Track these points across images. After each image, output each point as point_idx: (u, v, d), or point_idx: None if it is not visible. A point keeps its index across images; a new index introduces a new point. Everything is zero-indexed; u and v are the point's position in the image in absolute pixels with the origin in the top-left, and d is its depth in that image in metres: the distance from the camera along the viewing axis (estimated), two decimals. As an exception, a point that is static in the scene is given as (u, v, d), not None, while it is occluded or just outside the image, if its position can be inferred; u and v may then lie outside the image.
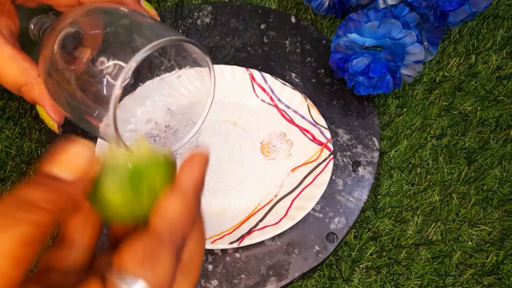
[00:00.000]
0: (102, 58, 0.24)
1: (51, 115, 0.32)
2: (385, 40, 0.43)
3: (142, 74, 0.35)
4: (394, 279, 0.43)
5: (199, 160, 0.20)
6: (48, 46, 0.28)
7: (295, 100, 0.48)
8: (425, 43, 0.49)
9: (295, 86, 0.50)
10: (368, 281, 0.42)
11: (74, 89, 0.26)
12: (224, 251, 0.42)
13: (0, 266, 0.15)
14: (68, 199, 0.18)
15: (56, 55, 0.27)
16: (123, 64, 0.24)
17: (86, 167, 0.19)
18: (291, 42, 0.53)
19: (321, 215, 0.44)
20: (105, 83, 0.24)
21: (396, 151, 0.48)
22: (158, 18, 0.36)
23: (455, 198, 0.46)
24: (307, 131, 0.47)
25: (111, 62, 0.24)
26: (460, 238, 0.44)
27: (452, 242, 0.44)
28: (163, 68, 0.34)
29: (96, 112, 0.26)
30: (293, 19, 0.54)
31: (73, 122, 0.29)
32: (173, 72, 0.33)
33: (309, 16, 0.56)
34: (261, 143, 0.47)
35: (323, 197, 0.44)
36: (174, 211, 0.19)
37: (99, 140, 0.42)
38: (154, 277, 0.18)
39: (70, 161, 0.18)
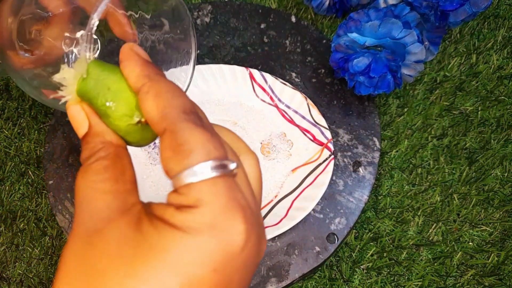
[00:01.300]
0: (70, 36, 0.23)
1: None
2: (385, 40, 0.43)
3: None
4: (395, 280, 0.42)
5: (127, 57, 0.21)
6: (2, 20, 0.26)
7: (295, 100, 0.48)
8: (426, 43, 0.49)
9: (295, 86, 0.50)
10: (368, 282, 0.42)
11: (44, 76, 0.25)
12: (224, 251, 0.42)
13: None
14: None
15: (14, 40, 0.26)
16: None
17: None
18: (291, 41, 0.53)
19: (321, 216, 0.43)
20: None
21: (397, 151, 0.48)
22: None
23: (456, 198, 0.46)
24: (308, 131, 0.47)
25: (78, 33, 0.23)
26: (461, 238, 0.44)
27: (453, 242, 0.44)
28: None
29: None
30: (293, 19, 0.54)
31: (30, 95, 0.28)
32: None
33: (309, 16, 0.56)
34: (261, 143, 0.47)
35: (323, 197, 0.44)
36: (149, 106, 0.19)
37: None
38: (204, 148, 0.18)
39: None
